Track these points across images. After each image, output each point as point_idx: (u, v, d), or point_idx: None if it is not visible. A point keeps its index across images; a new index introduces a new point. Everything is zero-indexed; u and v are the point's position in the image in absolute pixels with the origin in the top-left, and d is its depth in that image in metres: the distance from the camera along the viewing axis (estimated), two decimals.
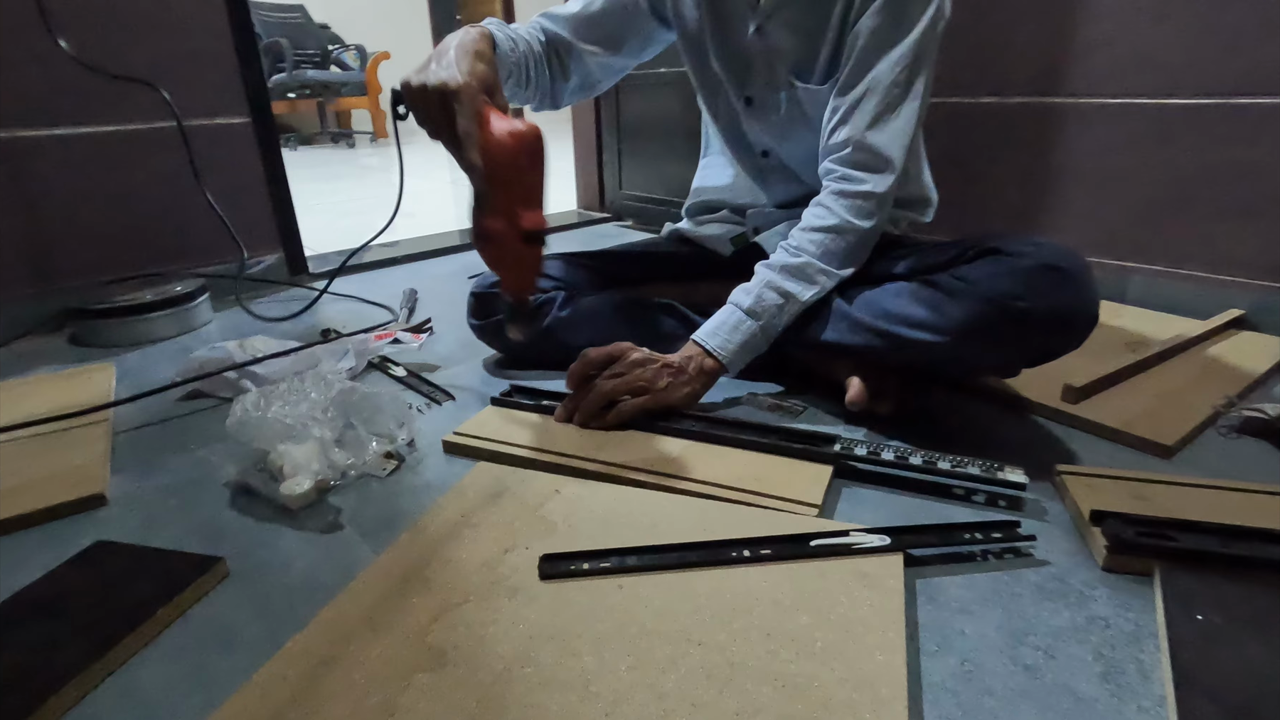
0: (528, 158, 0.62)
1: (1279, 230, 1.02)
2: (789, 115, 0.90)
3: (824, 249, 0.80)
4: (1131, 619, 0.51)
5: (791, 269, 0.80)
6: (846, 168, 0.80)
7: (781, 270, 0.80)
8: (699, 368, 0.79)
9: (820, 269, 0.80)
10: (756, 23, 0.86)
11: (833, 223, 0.80)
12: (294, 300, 1.35)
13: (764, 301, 0.79)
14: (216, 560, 0.57)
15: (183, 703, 0.46)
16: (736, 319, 0.80)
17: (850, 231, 0.80)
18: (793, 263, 0.80)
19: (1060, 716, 0.43)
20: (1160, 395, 0.82)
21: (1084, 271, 0.67)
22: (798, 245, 0.81)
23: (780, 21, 0.85)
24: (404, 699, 0.43)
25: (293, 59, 4.42)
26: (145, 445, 0.80)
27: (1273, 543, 0.55)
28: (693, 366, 0.79)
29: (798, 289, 0.80)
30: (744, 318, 0.80)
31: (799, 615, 0.49)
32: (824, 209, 0.81)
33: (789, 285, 0.80)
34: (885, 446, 0.69)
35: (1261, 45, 0.98)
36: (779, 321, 0.80)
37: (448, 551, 0.57)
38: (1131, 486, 0.64)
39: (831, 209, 0.81)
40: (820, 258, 0.80)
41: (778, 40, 0.86)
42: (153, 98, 1.22)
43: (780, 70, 0.87)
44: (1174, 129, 1.08)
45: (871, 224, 0.80)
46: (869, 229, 0.81)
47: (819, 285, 0.80)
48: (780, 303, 0.80)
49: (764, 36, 0.86)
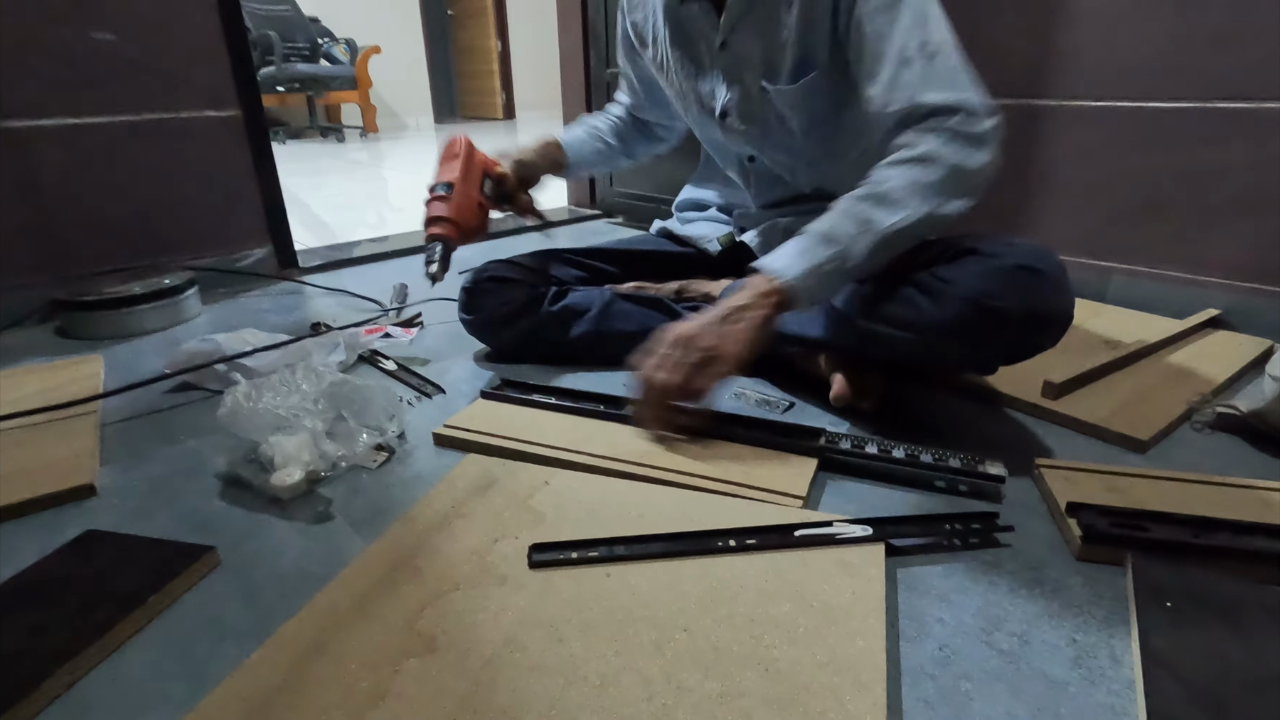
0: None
1: (1254, 232, 1.04)
2: (765, 121, 0.89)
3: (910, 180, 0.69)
4: (1104, 606, 0.53)
5: (872, 196, 0.70)
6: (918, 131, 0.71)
7: (860, 199, 0.70)
8: (759, 299, 0.69)
9: (906, 194, 0.69)
10: (721, 38, 0.86)
11: (919, 151, 0.69)
12: (283, 294, 1.35)
13: (840, 225, 0.69)
14: (207, 549, 0.58)
15: (173, 689, 0.46)
16: (807, 243, 0.70)
17: (940, 162, 0.68)
18: (872, 191, 0.70)
19: (1033, 699, 0.45)
20: (1137, 392, 0.84)
21: (1059, 272, 0.68)
22: (878, 178, 0.71)
23: (744, 33, 0.84)
24: (394, 684, 0.44)
25: (282, 52, 4.39)
26: (134, 437, 0.80)
27: (1242, 534, 0.57)
28: (748, 300, 0.69)
29: (879, 215, 0.69)
30: (814, 242, 0.69)
31: (782, 602, 0.51)
32: (908, 146, 0.71)
33: (869, 212, 0.69)
34: (869, 440, 0.71)
35: (1238, 51, 1.00)
36: (858, 249, 0.69)
37: (437, 541, 0.58)
38: (1106, 479, 0.66)
39: (917, 143, 0.70)
40: (906, 186, 0.69)
41: (744, 51, 0.85)
42: (142, 90, 1.21)
43: (750, 78, 0.87)
44: (1153, 132, 1.10)
45: (970, 161, 0.68)
46: (966, 164, 0.68)
47: (905, 212, 0.68)
48: (856, 230, 0.69)
49: (730, 50, 0.86)
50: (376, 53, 5.01)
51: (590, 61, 1.96)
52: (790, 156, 0.93)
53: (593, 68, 1.96)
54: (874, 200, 0.69)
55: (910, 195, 0.68)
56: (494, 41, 6.27)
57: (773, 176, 0.98)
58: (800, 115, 0.87)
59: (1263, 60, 0.98)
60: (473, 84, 6.67)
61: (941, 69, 0.71)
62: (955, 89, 0.70)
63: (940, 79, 0.70)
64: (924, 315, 0.70)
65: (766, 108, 0.88)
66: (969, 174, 0.69)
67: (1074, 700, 0.45)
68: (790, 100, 0.85)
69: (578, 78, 2.00)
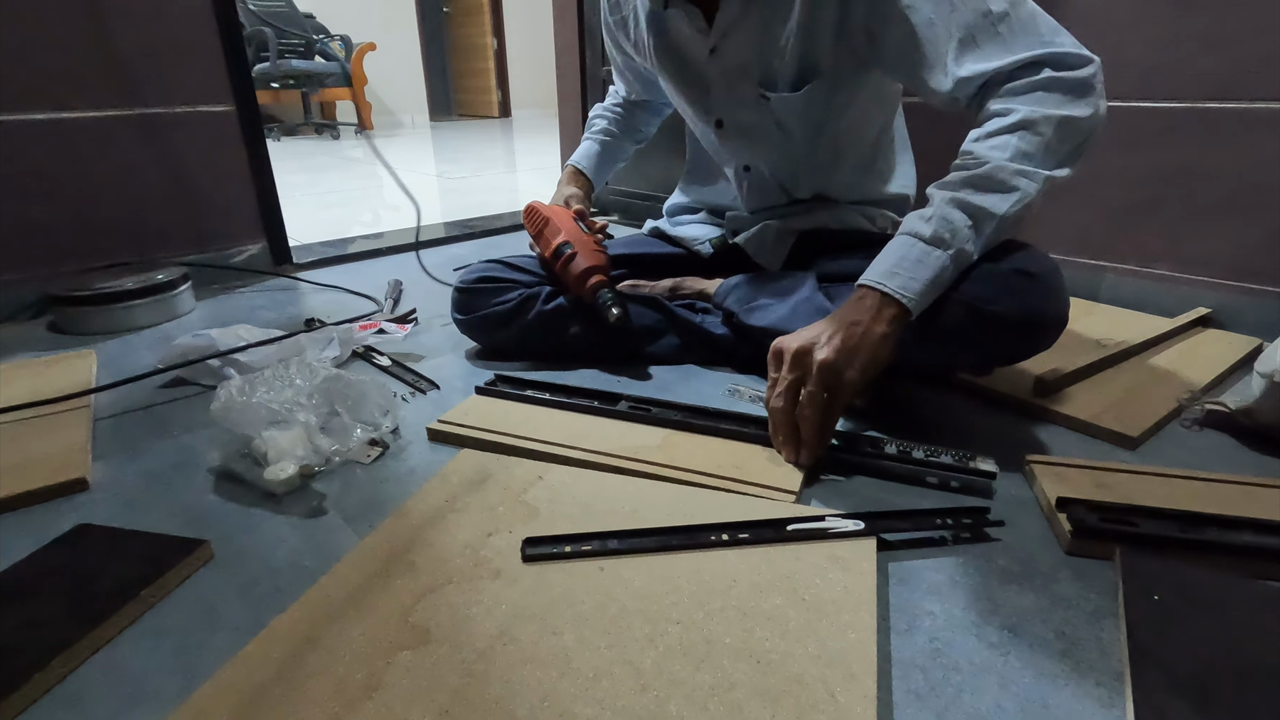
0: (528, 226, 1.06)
1: (1244, 232, 1.05)
2: (763, 129, 0.88)
3: (1014, 150, 0.63)
4: (1092, 600, 0.53)
5: (977, 180, 0.64)
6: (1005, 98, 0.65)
7: (964, 185, 0.64)
8: (877, 316, 0.64)
9: (1015, 170, 0.63)
10: (711, 45, 0.84)
11: (1016, 118, 0.63)
12: (277, 290, 1.35)
13: (950, 224, 0.64)
14: (200, 543, 0.58)
15: (167, 681, 0.46)
16: (919, 252, 0.64)
17: (1043, 122, 0.62)
18: (976, 173, 0.64)
19: (1022, 691, 0.45)
20: (1127, 389, 0.85)
21: (1055, 276, 0.68)
22: (976, 155, 0.65)
23: (737, 40, 0.82)
24: (387, 675, 0.44)
25: (277, 48, 4.37)
26: (127, 431, 0.80)
27: (1228, 529, 0.58)
28: (868, 318, 0.64)
29: (991, 201, 0.63)
30: (929, 249, 0.64)
31: (774, 596, 0.51)
32: (999, 115, 0.64)
33: (979, 200, 0.64)
34: (861, 436, 0.71)
35: (1228, 52, 1.01)
36: (973, 248, 0.64)
37: (431, 535, 0.58)
38: (1096, 475, 0.66)
39: (1010, 109, 0.64)
40: (1012, 159, 0.63)
41: (736, 58, 0.83)
42: (134, 84, 1.21)
43: (745, 87, 0.85)
44: (1145, 132, 1.10)
45: (1077, 110, 0.63)
46: (1074, 115, 0.63)
47: (1019, 190, 0.63)
48: (969, 224, 0.64)
49: (721, 58, 0.84)
50: (372, 49, 5.00)
51: (586, 59, 1.96)
52: (792, 163, 0.92)
53: (588, 65, 1.96)
54: (979, 185, 0.64)
55: (1018, 172, 0.63)
56: (490, 39, 6.27)
57: (769, 185, 0.96)
58: (803, 123, 0.85)
59: (1253, 61, 0.99)
60: (469, 82, 6.66)
61: (1014, 27, 0.65)
62: (1037, 42, 0.64)
63: (1016, 37, 0.64)
64: (921, 318, 0.71)
65: (766, 117, 0.86)
66: (1078, 126, 0.63)
67: (1063, 692, 0.45)
68: (792, 108, 0.84)
69: (573, 75, 2.00)
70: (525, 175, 3.15)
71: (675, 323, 0.97)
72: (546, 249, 0.97)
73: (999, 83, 0.66)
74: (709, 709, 0.42)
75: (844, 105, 0.84)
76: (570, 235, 0.95)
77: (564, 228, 0.96)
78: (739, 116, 0.89)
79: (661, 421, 0.76)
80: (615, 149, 1.15)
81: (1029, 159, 0.63)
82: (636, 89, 1.10)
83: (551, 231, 0.97)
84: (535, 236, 1.02)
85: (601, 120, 1.15)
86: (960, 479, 0.67)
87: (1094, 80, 0.64)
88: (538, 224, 1.00)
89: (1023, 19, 0.65)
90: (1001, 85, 0.66)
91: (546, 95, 2.90)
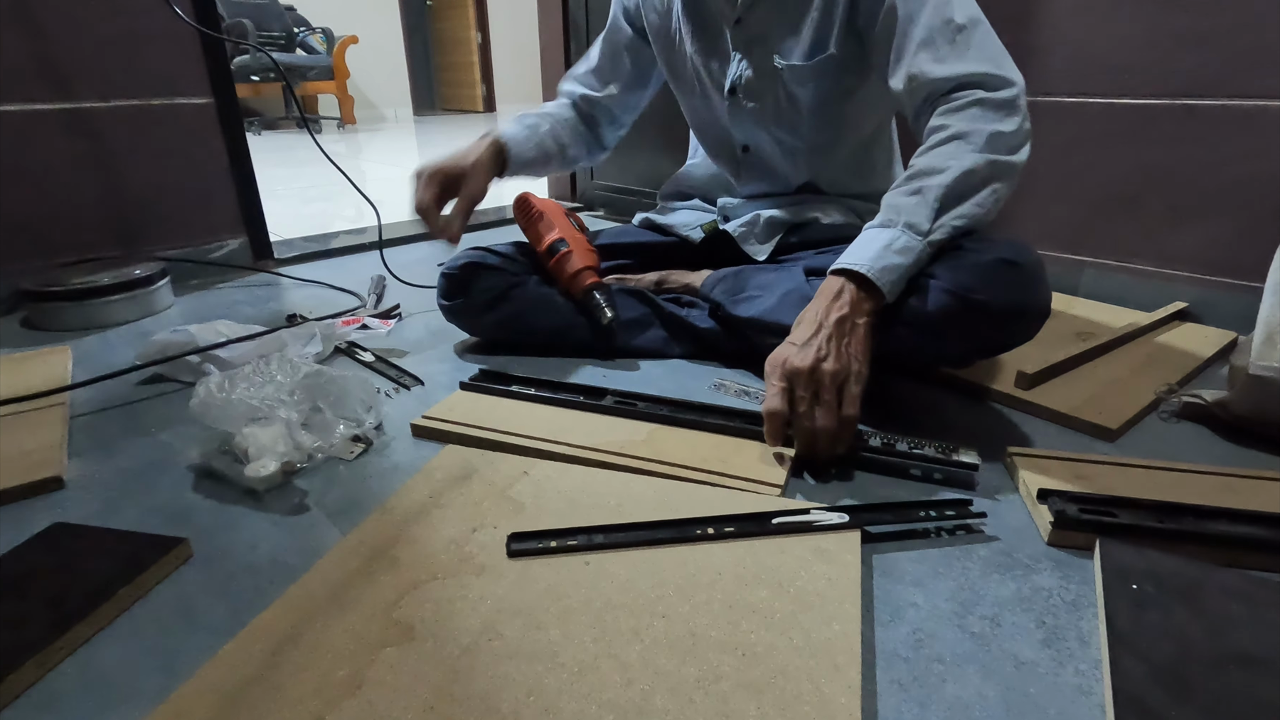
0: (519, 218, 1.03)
1: (1221, 227, 1.07)
2: (777, 100, 0.91)
3: (949, 150, 0.70)
4: (1073, 590, 0.54)
5: (916, 173, 0.70)
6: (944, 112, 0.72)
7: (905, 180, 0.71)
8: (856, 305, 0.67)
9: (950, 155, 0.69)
10: (738, 14, 0.87)
11: (950, 131, 0.70)
12: (258, 285, 1.33)
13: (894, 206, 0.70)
14: (179, 541, 0.57)
15: (144, 681, 0.46)
16: (871, 235, 0.70)
17: (975, 132, 0.69)
18: (915, 170, 0.70)
19: (1003, 680, 0.46)
20: (1107, 382, 0.86)
21: (1038, 267, 0.70)
22: (916, 163, 0.71)
23: (763, 9, 0.86)
24: (371, 672, 0.44)
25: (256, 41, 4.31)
26: (104, 429, 0.78)
27: (1205, 518, 0.59)
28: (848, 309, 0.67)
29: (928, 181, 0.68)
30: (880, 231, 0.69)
31: (760, 589, 0.51)
32: (938, 130, 0.71)
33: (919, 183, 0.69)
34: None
35: (1206, 50, 1.02)
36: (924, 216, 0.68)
37: (415, 531, 0.58)
38: (1076, 467, 0.67)
39: (946, 124, 0.70)
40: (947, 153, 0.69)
41: (760, 28, 0.87)
42: (109, 75, 1.19)
43: (763, 55, 0.89)
44: (1124, 128, 1.12)
45: (1003, 125, 0.69)
46: (1001, 128, 0.69)
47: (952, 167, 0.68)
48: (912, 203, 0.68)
49: (745, 28, 0.88)
50: (354, 43, 4.94)
51: (571, 53, 1.95)
52: (794, 138, 0.94)
53: (573, 59, 1.95)
54: (918, 175, 0.70)
55: (952, 157, 0.69)
56: (474, 33, 6.22)
57: (765, 168, 0.98)
58: (809, 94, 0.89)
59: (1229, 60, 1.01)
60: (453, 76, 6.61)
61: (970, 40, 0.72)
62: (977, 63, 0.72)
63: (968, 50, 0.72)
64: (908, 308, 0.71)
65: (777, 84, 0.89)
66: (1006, 136, 0.70)
67: (1043, 680, 0.46)
68: (802, 77, 0.87)
69: (558, 69, 1.99)
70: None
71: (661, 316, 0.97)
72: (539, 244, 0.97)
73: (938, 97, 0.74)
74: (695, 701, 0.42)
75: (850, 89, 0.89)
76: (564, 232, 0.96)
77: (558, 224, 0.97)
78: (752, 85, 0.91)
79: (647, 416, 0.76)
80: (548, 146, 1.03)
81: (962, 150, 0.69)
82: (608, 78, 1.07)
83: (545, 227, 0.98)
84: (526, 230, 1.01)
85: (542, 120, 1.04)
86: (944, 471, 0.68)
87: (1018, 101, 0.72)
88: (529, 218, 1.00)
89: (977, 37, 0.73)
90: (941, 99, 0.73)
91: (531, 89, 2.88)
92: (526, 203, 1.01)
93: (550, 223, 0.97)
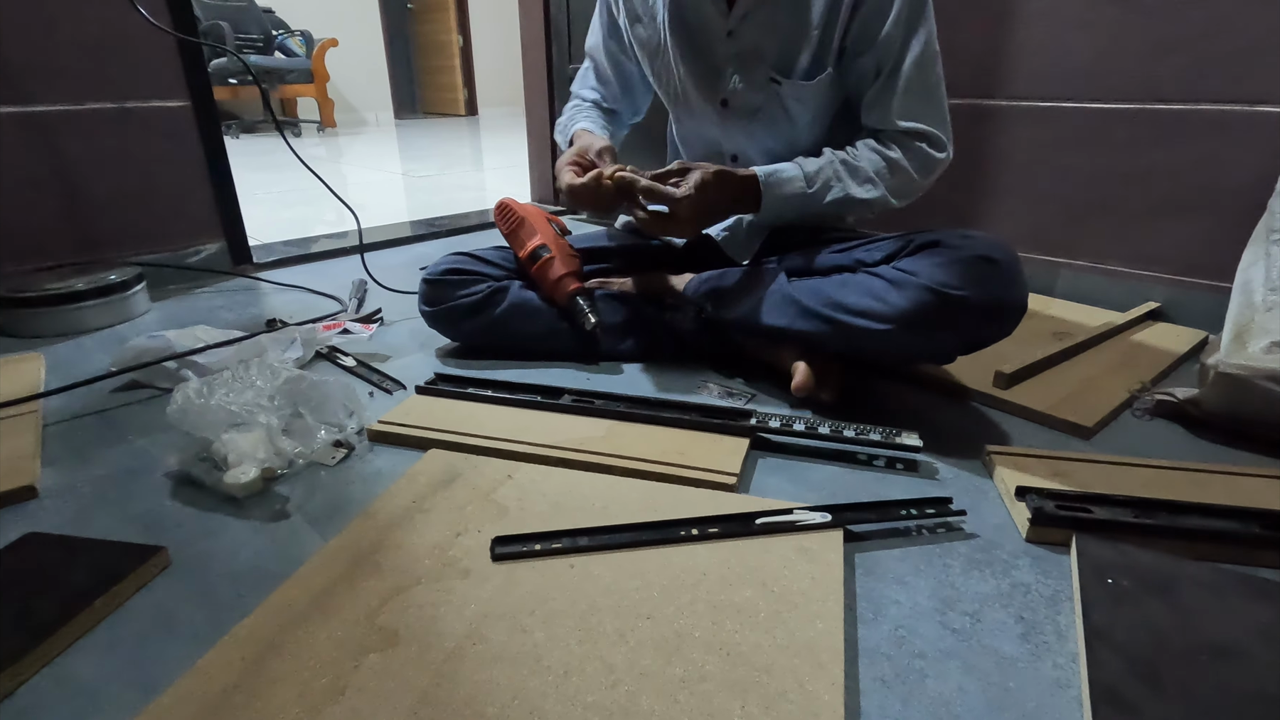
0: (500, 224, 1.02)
1: (1192, 229, 1.09)
2: (770, 114, 0.91)
3: (878, 168, 0.85)
4: (1050, 585, 0.55)
5: (851, 165, 0.85)
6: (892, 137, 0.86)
7: (843, 162, 0.85)
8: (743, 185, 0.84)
9: (871, 178, 0.85)
10: (729, 27, 0.87)
11: (891, 156, 0.85)
12: (237, 290, 1.32)
13: (822, 175, 0.85)
14: (157, 550, 0.56)
15: (122, 692, 0.45)
16: (793, 173, 0.85)
17: (900, 170, 0.84)
18: (854, 162, 0.85)
19: (984, 675, 0.46)
20: (1082, 381, 0.88)
21: (1015, 264, 0.71)
22: (857, 155, 0.85)
23: (756, 23, 0.85)
24: (354, 678, 0.43)
25: (234, 44, 4.26)
26: (79, 437, 0.77)
27: (1177, 513, 0.60)
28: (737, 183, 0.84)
29: (851, 184, 0.85)
30: (802, 174, 0.85)
31: (744, 588, 0.51)
32: (886, 147, 0.85)
33: (846, 176, 0.85)
34: (797, 419, 0.74)
35: (1174, 56, 1.04)
36: (821, 199, 0.85)
37: (398, 536, 0.57)
38: (1053, 464, 0.68)
39: (892, 146, 0.85)
40: (876, 173, 0.84)
41: (754, 42, 0.87)
42: (84, 78, 1.17)
43: (759, 70, 0.88)
44: (1097, 132, 1.14)
45: (918, 177, 0.85)
46: (914, 180, 0.85)
47: (866, 192, 0.85)
48: (831, 186, 0.85)
49: (738, 39, 0.87)
50: (334, 45, 4.90)
51: (553, 56, 1.95)
52: (786, 148, 0.94)
53: (555, 62, 1.95)
54: (850, 170, 0.85)
55: (875, 182, 0.85)
56: (455, 36, 6.19)
57: None
58: (807, 110, 0.89)
59: (1196, 65, 1.03)
60: (434, 79, 6.57)
61: (929, 103, 0.84)
62: (931, 122, 0.84)
63: (925, 111, 0.84)
64: (889, 305, 0.73)
65: (773, 100, 0.89)
66: (913, 187, 0.86)
67: (1022, 674, 0.46)
68: (801, 95, 0.88)
69: (540, 73, 1.99)
70: (493, 174, 3.13)
71: (643, 320, 0.98)
72: (522, 250, 0.97)
73: (892, 129, 0.85)
74: (679, 701, 0.42)
75: (844, 100, 0.90)
76: (546, 238, 0.96)
77: (539, 229, 0.97)
78: (747, 98, 0.91)
79: (606, 413, 0.77)
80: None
81: (881, 179, 0.85)
82: (615, 94, 1.09)
83: (527, 233, 0.97)
84: (508, 236, 1.01)
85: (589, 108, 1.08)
86: (887, 454, 0.71)
87: (940, 166, 0.86)
88: (511, 223, 1.00)
89: (938, 96, 0.85)
90: (894, 133, 0.85)
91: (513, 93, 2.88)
92: (508, 209, 1.01)
93: (532, 228, 0.97)
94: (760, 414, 0.75)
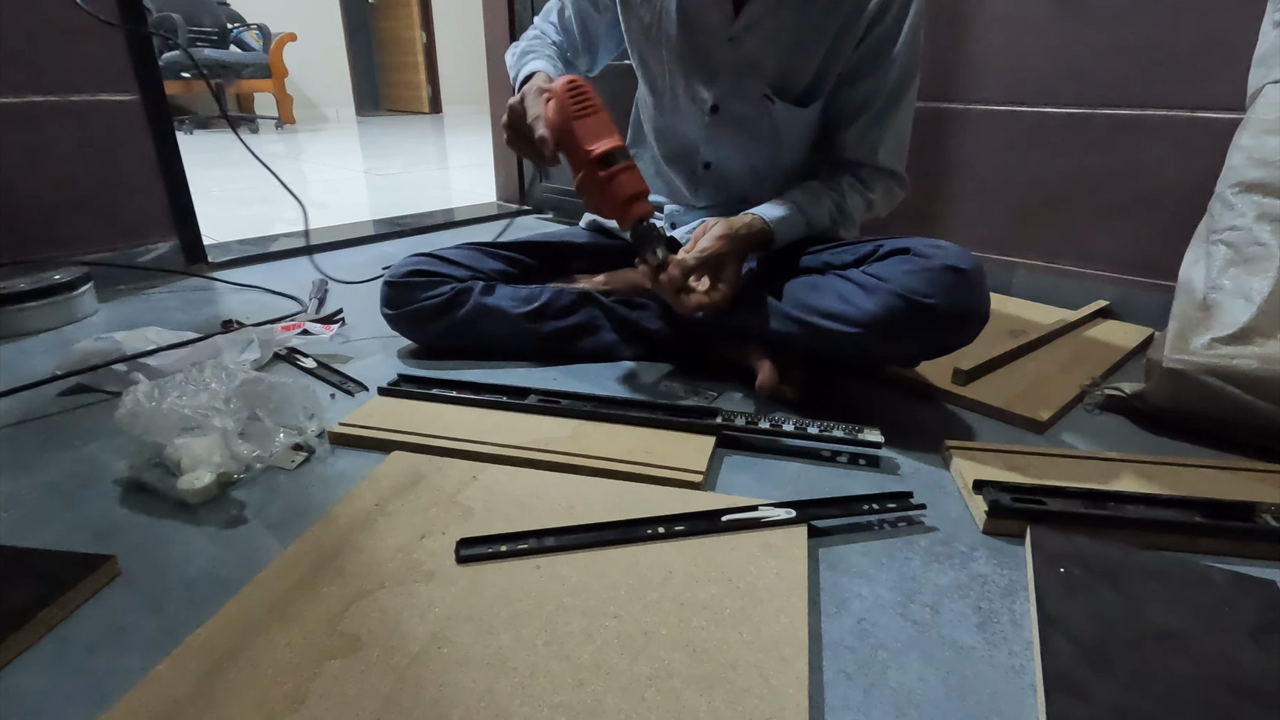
0: (570, 104, 0.75)
1: (1137, 230, 1.13)
2: (757, 129, 0.90)
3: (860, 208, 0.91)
4: (1006, 575, 0.56)
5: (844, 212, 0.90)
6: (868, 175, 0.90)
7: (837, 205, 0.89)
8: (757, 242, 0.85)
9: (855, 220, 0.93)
10: (732, 33, 0.84)
11: (872, 196, 0.90)
12: (191, 290, 1.28)
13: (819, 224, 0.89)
14: (105, 559, 0.54)
15: (70, 707, 0.43)
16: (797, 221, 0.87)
17: (874, 207, 0.92)
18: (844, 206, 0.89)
19: (943, 664, 0.47)
20: (1036, 377, 0.90)
21: (980, 274, 0.73)
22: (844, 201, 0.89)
23: (760, 35, 0.83)
24: (315, 685, 0.43)
25: (187, 36, 4.13)
26: (23, 443, 0.74)
27: (1125, 504, 0.62)
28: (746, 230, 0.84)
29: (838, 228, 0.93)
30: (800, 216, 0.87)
31: (709, 585, 0.52)
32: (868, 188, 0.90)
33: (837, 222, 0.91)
34: (762, 417, 0.75)
35: (1122, 64, 1.08)
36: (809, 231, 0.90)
37: (361, 540, 0.56)
38: (1009, 458, 0.70)
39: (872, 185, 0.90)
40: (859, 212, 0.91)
41: (754, 54, 0.85)
42: (25, 69, 1.12)
43: (754, 84, 0.86)
44: (1050, 135, 1.18)
45: (882, 212, 0.94)
46: (880, 214, 0.94)
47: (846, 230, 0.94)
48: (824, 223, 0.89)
49: (738, 48, 0.85)
50: (292, 40, 4.79)
51: None
52: (768, 164, 0.94)
53: None
54: (843, 216, 0.90)
55: (855, 222, 0.94)
56: (418, 32, 6.10)
57: (723, 184, 0.97)
58: (794, 133, 0.90)
59: (1142, 73, 1.07)
60: (397, 76, 6.47)
61: (903, 146, 0.90)
62: (900, 164, 0.90)
63: (896, 154, 0.89)
64: (859, 309, 0.74)
65: (763, 117, 0.89)
66: (876, 216, 0.94)
67: (980, 663, 0.48)
68: (792, 119, 0.88)
69: (504, 71, 1.97)
70: (457, 172, 3.09)
71: (611, 318, 0.97)
72: (592, 145, 0.74)
73: (866, 167, 0.90)
74: (646, 699, 0.42)
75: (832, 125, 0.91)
76: (620, 142, 0.76)
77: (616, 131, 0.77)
78: (738, 109, 0.90)
79: (571, 413, 0.77)
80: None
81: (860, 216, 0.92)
82: (574, 44, 1.02)
83: (604, 127, 0.75)
84: (573, 121, 0.75)
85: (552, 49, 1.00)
86: (850, 450, 0.72)
87: (897, 201, 0.94)
88: (586, 108, 0.75)
89: (905, 145, 0.90)
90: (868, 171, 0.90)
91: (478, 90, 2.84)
92: (585, 91, 0.76)
93: (610, 124, 0.76)
94: (726, 412, 0.76)
